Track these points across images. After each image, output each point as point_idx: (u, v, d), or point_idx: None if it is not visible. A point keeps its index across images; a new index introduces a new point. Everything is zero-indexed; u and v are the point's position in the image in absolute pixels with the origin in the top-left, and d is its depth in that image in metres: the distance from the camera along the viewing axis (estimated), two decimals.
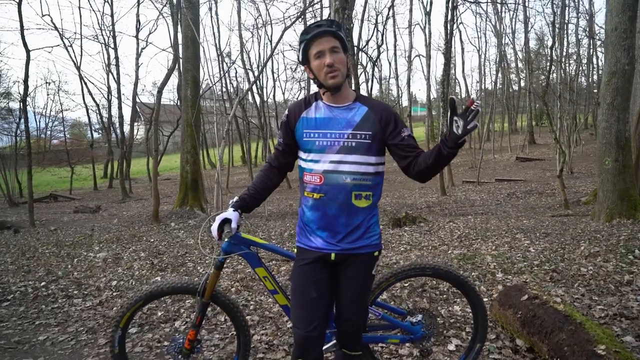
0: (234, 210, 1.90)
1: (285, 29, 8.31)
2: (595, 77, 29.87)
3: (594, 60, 29.68)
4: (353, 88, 1.92)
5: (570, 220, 6.95)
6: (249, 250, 1.99)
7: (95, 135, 32.14)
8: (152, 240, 6.93)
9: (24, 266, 5.18)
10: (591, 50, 28.64)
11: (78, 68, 21.01)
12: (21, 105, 10.96)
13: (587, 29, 25.16)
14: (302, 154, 1.84)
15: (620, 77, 6.20)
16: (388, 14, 23.67)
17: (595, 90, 27.34)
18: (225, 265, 2.15)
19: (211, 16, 31.50)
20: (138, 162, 30.21)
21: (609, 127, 6.31)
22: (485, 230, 6.31)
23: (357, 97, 1.83)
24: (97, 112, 23.72)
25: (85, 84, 21.81)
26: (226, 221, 1.87)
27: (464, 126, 1.56)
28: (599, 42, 28.40)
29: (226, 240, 1.92)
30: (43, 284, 4.24)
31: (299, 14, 10.69)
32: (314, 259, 1.79)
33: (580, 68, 27.94)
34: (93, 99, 23.74)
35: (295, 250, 1.89)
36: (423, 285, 3.71)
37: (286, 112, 1.89)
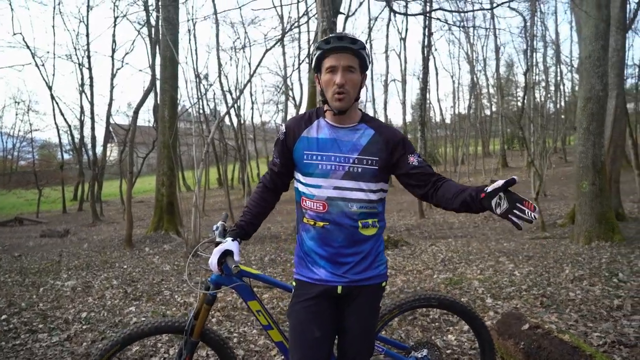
0: (232, 240, 1.70)
1: (266, 51, 8.27)
2: (562, 103, 31.08)
3: (561, 87, 30.96)
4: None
5: (549, 242, 7.01)
6: (242, 282, 1.81)
7: (66, 156, 31.21)
8: (126, 266, 6.59)
9: None
10: (558, 78, 29.89)
11: (50, 88, 20.46)
12: None
13: (555, 57, 26.28)
14: (300, 177, 1.69)
15: (595, 102, 6.38)
16: (365, 40, 24.08)
17: (563, 116, 28.37)
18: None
19: (189, 38, 31.50)
20: (110, 184, 29.32)
21: (585, 151, 6.44)
22: (468, 254, 6.28)
23: (362, 118, 1.69)
24: (69, 132, 23.01)
25: (57, 104, 21.09)
26: (227, 253, 1.66)
27: (504, 212, 1.39)
28: (565, 70, 29.73)
29: (232, 274, 1.72)
30: (4, 317, 3.89)
31: (279, 37, 10.72)
32: (317, 293, 1.63)
33: (549, 95, 29.05)
34: (65, 119, 23.10)
35: (294, 283, 1.72)
36: (413, 312, 3.59)
37: (283, 128, 1.72)
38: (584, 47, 6.48)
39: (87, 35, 19.68)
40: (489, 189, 1.44)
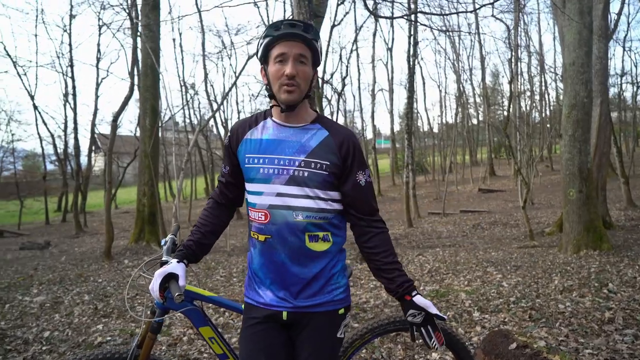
0: (178, 262, 1.45)
1: (248, 58, 8.13)
2: (548, 112, 31.42)
3: (546, 96, 31.32)
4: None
5: (537, 251, 6.89)
6: (193, 306, 1.59)
7: (51, 167, 30.58)
8: (100, 280, 6.31)
9: None
10: (543, 87, 30.25)
11: (32, 97, 20.07)
12: None
13: (539, 67, 26.60)
14: (246, 185, 1.50)
15: (580, 109, 6.31)
16: (352, 49, 24.15)
17: (548, 125, 28.65)
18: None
19: (174, 46, 31.32)
20: (96, 195, 28.75)
21: (571, 158, 6.36)
22: (456, 264, 6.13)
23: (317, 118, 1.49)
24: (52, 142, 22.57)
25: (40, 113, 20.66)
26: (171, 277, 1.42)
27: (414, 323, 1.47)
28: (549, 79, 30.12)
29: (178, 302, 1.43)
30: None
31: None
32: (263, 318, 1.43)
33: (534, 104, 29.39)
34: (48, 129, 22.67)
35: (244, 306, 1.52)
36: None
37: (229, 132, 1.54)
38: (568, 53, 6.43)
39: (70, 45, 19.38)
40: (418, 301, 1.44)
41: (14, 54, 27.49)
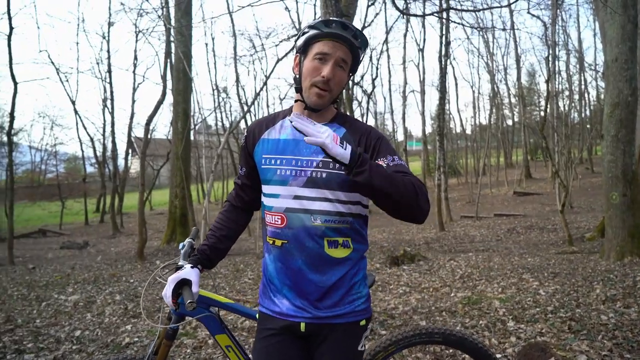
0: (192, 267, 1.41)
1: (277, 61, 8.14)
2: (588, 112, 30.14)
3: (586, 95, 30.05)
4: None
5: (577, 258, 6.57)
6: (209, 312, 1.54)
7: (91, 169, 31.80)
8: (132, 280, 6.45)
9: None
10: (582, 86, 29.03)
11: (73, 102, 20.90)
12: (7, 138, 10.61)
13: (578, 65, 25.55)
14: (262, 187, 1.43)
15: (624, 108, 5.98)
16: (382, 50, 23.90)
17: (589, 126, 27.47)
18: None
19: (207, 51, 31.96)
20: (133, 196, 29.61)
21: (614, 160, 6.03)
22: (489, 270, 5.90)
23: (335, 117, 1.42)
24: (92, 146, 23.45)
25: (80, 118, 21.53)
26: (184, 283, 1.37)
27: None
28: (589, 78, 28.89)
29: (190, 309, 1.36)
30: None
31: (292, 48, 10.61)
32: (279, 329, 1.35)
33: (573, 103, 28.23)
34: (87, 133, 23.54)
35: (258, 315, 1.46)
36: None
37: (245, 132, 1.49)
38: (610, 49, 6.10)
39: (108, 51, 20.08)
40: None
41: (57, 62, 28.68)
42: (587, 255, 6.69)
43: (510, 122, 34.80)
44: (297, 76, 1.37)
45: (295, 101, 1.42)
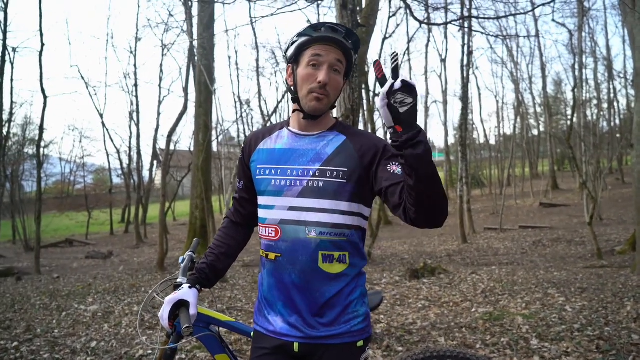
0: (190, 287, 1.37)
1: None
2: (617, 121, 29.19)
3: (615, 104, 29.15)
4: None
5: (606, 272, 6.29)
6: (209, 332, 1.50)
7: (118, 180, 32.64)
8: (151, 291, 6.49)
9: (5, 320, 4.79)
10: (611, 94, 28.19)
11: (101, 115, 21.59)
12: (36, 150, 10.97)
13: (607, 73, 24.84)
14: (258, 199, 1.38)
15: None
16: (403, 60, 23.82)
17: (618, 135, 26.58)
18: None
19: (229, 64, 32.51)
20: (156, 207, 30.09)
21: None
22: (513, 284, 5.70)
23: (335, 125, 1.37)
24: (118, 157, 24.11)
25: (107, 130, 22.21)
26: (181, 304, 1.32)
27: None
28: (619, 86, 28.05)
29: (185, 327, 1.27)
30: (15, 344, 3.81)
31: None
32: (272, 349, 1.29)
33: (601, 112, 27.41)
34: (114, 145, 24.19)
35: (252, 334, 1.40)
36: None
37: (242, 144, 1.46)
38: (638, 56, 5.89)
39: (135, 66, 20.70)
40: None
41: (86, 76, 29.79)
42: (618, 270, 6.41)
43: (535, 132, 34.07)
44: (293, 88, 1.33)
45: (293, 111, 1.37)
